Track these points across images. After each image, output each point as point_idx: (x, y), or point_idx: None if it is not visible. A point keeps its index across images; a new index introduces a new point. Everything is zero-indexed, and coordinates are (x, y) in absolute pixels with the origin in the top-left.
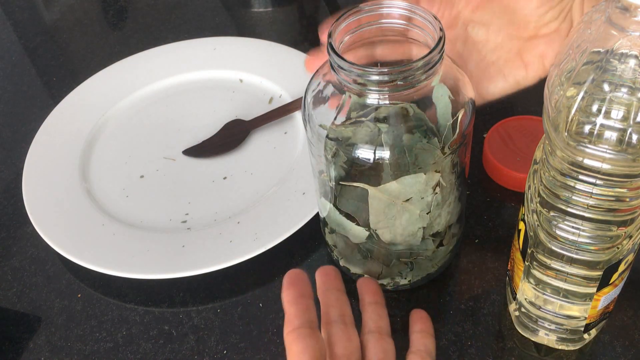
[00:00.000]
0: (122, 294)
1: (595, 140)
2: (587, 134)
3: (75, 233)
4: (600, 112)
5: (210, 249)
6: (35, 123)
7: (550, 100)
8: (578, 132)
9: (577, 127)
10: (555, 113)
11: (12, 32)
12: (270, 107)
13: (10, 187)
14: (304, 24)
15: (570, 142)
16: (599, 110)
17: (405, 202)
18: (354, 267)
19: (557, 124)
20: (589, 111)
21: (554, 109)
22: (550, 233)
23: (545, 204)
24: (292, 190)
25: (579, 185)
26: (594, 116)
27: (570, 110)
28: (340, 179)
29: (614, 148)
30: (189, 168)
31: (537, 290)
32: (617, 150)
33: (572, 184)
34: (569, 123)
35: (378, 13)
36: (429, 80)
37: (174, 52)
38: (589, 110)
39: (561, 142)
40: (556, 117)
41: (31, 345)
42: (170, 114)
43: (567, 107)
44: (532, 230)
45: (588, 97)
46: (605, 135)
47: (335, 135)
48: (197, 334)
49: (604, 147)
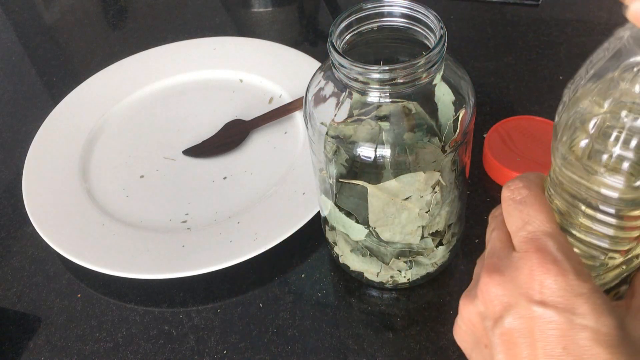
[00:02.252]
0: (122, 294)
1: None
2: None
3: (75, 233)
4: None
5: (210, 249)
6: (35, 123)
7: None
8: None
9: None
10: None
11: (12, 32)
12: (270, 107)
13: (10, 187)
14: (304, 24)
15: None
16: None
17: (405, 201)
18: (353, 264)
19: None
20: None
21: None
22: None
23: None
24: (292, 190)
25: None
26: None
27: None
28: (340, 177)
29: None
30: (189, 168)
31: None
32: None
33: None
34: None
35: (380, 11)
36: (430, 78)
37: (174, 52)
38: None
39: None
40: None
41: (31, 345)
42: (170, 114)
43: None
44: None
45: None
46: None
47: (336, 133)
48: (197, 334)
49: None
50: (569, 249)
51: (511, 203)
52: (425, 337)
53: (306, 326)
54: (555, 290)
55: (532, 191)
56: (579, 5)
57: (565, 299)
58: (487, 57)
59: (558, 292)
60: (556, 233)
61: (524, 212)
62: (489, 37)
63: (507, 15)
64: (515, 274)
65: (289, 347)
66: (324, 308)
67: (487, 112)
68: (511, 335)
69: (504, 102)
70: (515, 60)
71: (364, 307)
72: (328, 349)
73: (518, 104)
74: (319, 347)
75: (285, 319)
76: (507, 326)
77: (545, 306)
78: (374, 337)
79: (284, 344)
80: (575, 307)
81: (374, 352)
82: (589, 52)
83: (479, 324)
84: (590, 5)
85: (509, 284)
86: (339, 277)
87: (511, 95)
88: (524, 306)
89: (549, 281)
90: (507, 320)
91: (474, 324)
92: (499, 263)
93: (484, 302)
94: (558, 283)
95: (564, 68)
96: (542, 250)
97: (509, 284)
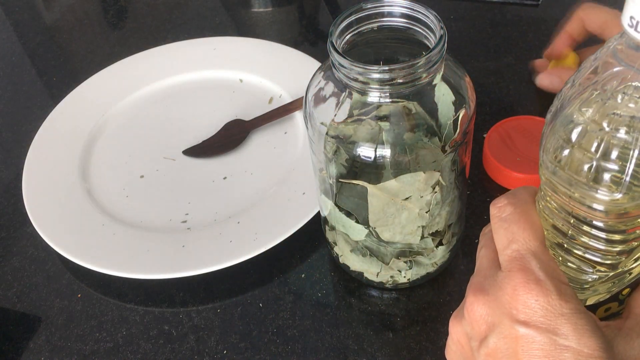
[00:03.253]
0: (122, 294)
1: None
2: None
3: (75, 233)
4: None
5: (210, 249)
6: (35, 123)
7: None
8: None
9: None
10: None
11: (12, 32)
12: (270, 107)
13: (10, 187)
14: (304, 24)
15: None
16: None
17: (405, 201)
18: (353, 264)
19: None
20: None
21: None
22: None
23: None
24: (292, 190)
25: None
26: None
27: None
28: (340, 177)
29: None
30: (189, 168)
31: None
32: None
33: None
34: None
35: (380, 11)
36: (430, 78)
37: (174, 52)
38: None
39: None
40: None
41: (31, 345)
42: (170, 114)
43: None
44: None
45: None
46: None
47: (336, 133)
48: (197, 334)
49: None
50: (553, 267)
51: (497, 221)
52: (425, 337)
53: (306, 326)
54: (537, 310)
55: (518, 208)
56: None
57: (548, 319)
58: (487, 57)
59: (540, 312)
60: (540, 251)
61: (508, 230)
62: (489, 37)
63: (507, 15)
64: (500, 294)
65: (289, 347)
66: (324, 308)
67: (487, 112)
68: (495, 356)
69: (504, 102)
70: (515, 60)
71: (364, 307)
72: (328, 349)
73: (518, 104)
74: (319, 347)
75: (285, 319)
76: (491, 346)
77: (528, 326)
78: (374, 337)
79: (284, 344)
80: (558, 327)
81: (374, 352)
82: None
83: (466, 345)
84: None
85: (493, 303)
86: (339, 277)
87: (511, 95)
88: (507, 325)
89: (532, 301)
90: (491, 341)
91: (462, 345)
92: (484, 282)
93: (470, 322)
94: (540, 303)
95: None
96: (526, 270)
97: (493, 303)
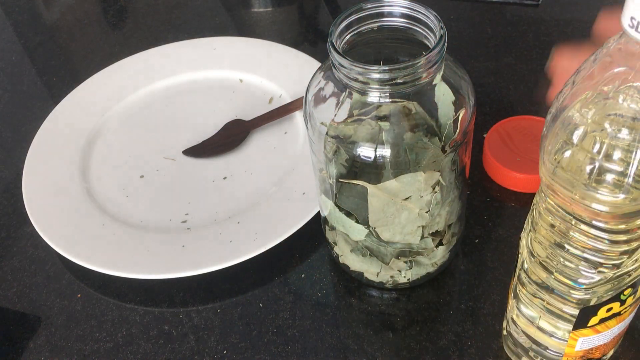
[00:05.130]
0: (122, 294)
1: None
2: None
3: (75, 233)
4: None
5: (210, 249)
6: (35, 123)
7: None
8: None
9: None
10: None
11: (12, 32)
12: (270, 107)
13: (10, 187)
14: (304, 24)
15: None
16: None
17: (405, 201)
18: (353, 264)
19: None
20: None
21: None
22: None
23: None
24: (292, 190)
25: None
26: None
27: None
28: (340, 177)
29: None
30: (189, 168)
31: (518, 310)
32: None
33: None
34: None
35: (380, 11)
36: (430, 78)
37: (174, 52)
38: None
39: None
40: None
41: (31, 345)
42: (170, 114)
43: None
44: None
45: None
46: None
47: (335, 133)
48: (197, 334)
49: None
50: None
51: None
52: (425, 337)
53: (306, 326)
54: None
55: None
56: (579, 5)
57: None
58: (487, 57)
59: None
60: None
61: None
62: (489, 37)
63: (507, 15)
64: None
65: (289, 347)
66: (324, 308)
67: (487, 112)
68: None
69: (504, 102)
70: (515, 60)
71: (364, 307)
72: (328, 349)
73: (518, 104)
74: (319, 347)
75: (285, 319)
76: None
77: None
78: (374, 337)
79: (284, 344)
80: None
81: (374, 352)
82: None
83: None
84: (590, 5)
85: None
86: (339, 277)
87: (511, 95)
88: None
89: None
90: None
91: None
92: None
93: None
94: None
95: None
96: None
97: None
